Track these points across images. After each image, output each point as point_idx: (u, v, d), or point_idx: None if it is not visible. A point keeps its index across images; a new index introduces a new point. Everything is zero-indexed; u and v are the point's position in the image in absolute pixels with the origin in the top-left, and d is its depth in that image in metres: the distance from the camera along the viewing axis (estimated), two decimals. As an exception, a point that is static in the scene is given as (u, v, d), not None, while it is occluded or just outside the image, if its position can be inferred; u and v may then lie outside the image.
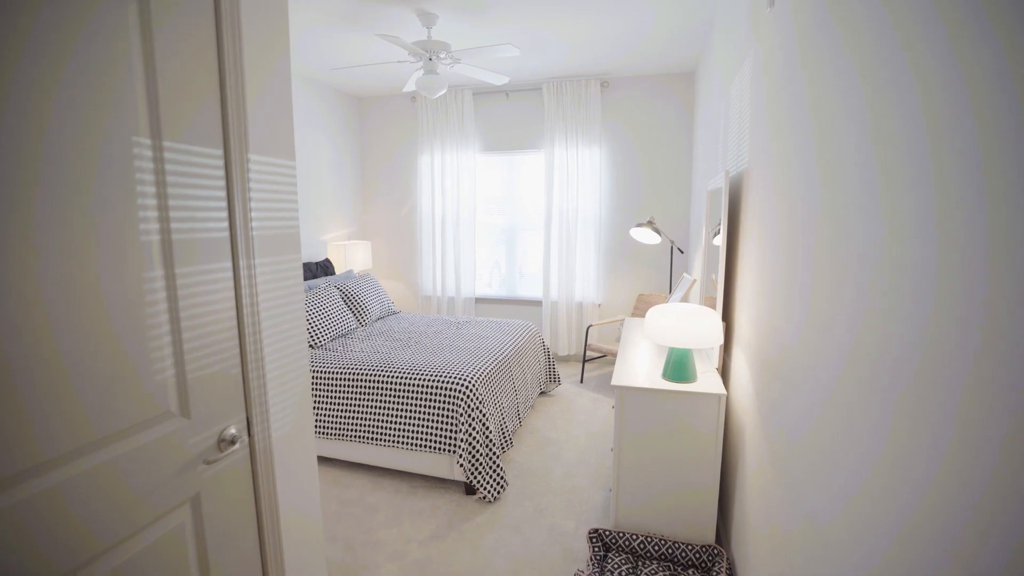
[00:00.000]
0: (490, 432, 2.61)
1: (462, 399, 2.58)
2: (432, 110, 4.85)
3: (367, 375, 2.78)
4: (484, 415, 2.61)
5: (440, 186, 4.96)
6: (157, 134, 1.03)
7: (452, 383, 2.62)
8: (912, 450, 0.70)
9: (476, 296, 5.16)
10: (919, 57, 0.73)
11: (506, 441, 2.89)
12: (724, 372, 2.23)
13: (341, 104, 4.93)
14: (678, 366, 1.94)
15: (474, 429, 2.55)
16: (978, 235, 0.58)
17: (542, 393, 3.96)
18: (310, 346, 3.18)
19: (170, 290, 1.08)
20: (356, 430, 2.77)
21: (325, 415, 2.84)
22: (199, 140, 1.12)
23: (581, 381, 4.31)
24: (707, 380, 1.98)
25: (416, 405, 2.65)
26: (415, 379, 2.69)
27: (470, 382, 2.64)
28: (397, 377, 2.73)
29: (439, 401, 2.61)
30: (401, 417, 2.68)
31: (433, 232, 5.06)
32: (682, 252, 4.26)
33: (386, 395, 2.72)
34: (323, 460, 2.97)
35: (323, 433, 2.85)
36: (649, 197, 4.53)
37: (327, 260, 4.31)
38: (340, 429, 2.80)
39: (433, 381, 2.66)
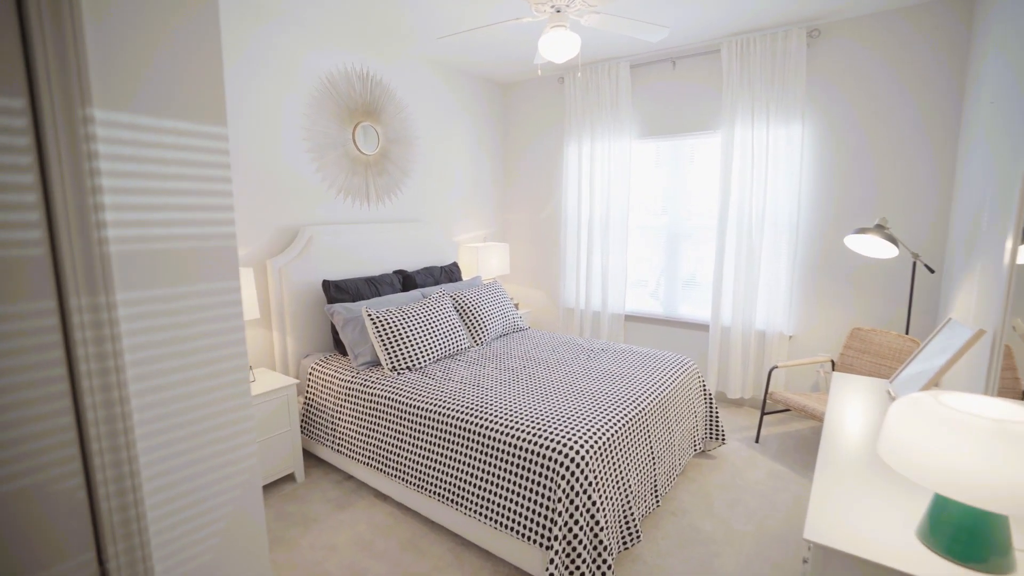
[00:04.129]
0: (601, 528, 1.81)
1: (565, 476, 1.83)
2: (581, 90, 4.12)
3: (453, 418, 2.20)
4: (594, 503, 1.82)
5: (588, 180, 4.21)
6: None
7: (554, 449, 1.89)
8: None
9: (626, 313, 4.30)
10: None
11: (630, 534, 2.05)
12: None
13: (482, 92, 4.49)
14: (970, 534, 0.93)
15: (577, 523, 1.79)
16: None
17: (699, 452, 2.96)
18: (406, 368, 2.74)
19: None
20: (438, 486, 2.21)
21: (409, 459, 2.34)
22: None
23: (757, 440, 3.18)
24: (1038, 570, 0.92)
25: (504, 471, 1.98)
26: (506, 434, 2.02)
27: (580, 451, 1.87)
28: (485, 427, 2.09)
29: (533, 472, 1.90)
30: (485, 482, 2.04)
31: (578, 234, 4.34)
32: (932, 272, 2.84)
33: (471, 449, 2.10)
34: (406, 511, 2.48)
35: (406, 481, 2.36)
36: (878, 190, 3.16)
37: (454, 264, 3.91)
38: (422, 480, 2.28)
39: (529, 441, 1.96)
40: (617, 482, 2.01)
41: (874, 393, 1.85)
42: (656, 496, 2.32)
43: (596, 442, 1.95)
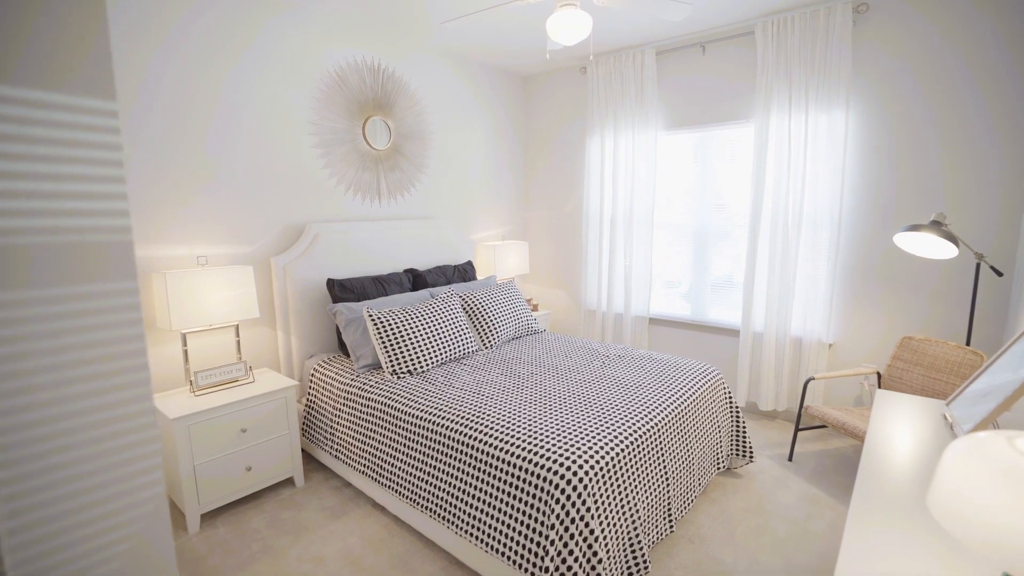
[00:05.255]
0: (600, 560, 1.62)
1: (560, 499, 1.65)
2: (604, 80, 3.90)
3: (447, 428, 2.05)
4: (592, 531, 1.63)
5: (611, 175, 3.99)
6: None
7: (548, 469, 1.71)
8: None
9: (650, 316, 4.05)
10: None
11: (636, 564, 1.85)
12: None
13: (500, 84, 4.33)
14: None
15: (572, 554, 1.60)
16: None
17: (723, 470, 2.71)
18: (407, 372, 2.61)
19: None
20: (430, 500, 2.07)
21: (403, 469, 2.21)
22: None
23: (790, 459, 2.90)
24: None
25: (496, 489, 1.82)
26: (499, 448, 1.85)
27: (578, 472, 1.69)
28: (478, 439, 1.93)
29: (526, 494, 1.73)
30: (477, 500, 1.88)
31: (601, 232, 4.12)
32: (1000, 275, 2.50)
33: (462, 463, 1.95)
34: (401, 524, 2.35)
35: (399, 493, 2.22)
36: (934, 183, 2.82)
37: (468, 263, 3.76)
38: (415, 493, 2.14)
39: (522, 458, 1.78)
40: (622, 507, 1.81)
41: (927, 416, 1.58)
42: (670, 520, 2.11)
43: (598, 462, 1.75)
